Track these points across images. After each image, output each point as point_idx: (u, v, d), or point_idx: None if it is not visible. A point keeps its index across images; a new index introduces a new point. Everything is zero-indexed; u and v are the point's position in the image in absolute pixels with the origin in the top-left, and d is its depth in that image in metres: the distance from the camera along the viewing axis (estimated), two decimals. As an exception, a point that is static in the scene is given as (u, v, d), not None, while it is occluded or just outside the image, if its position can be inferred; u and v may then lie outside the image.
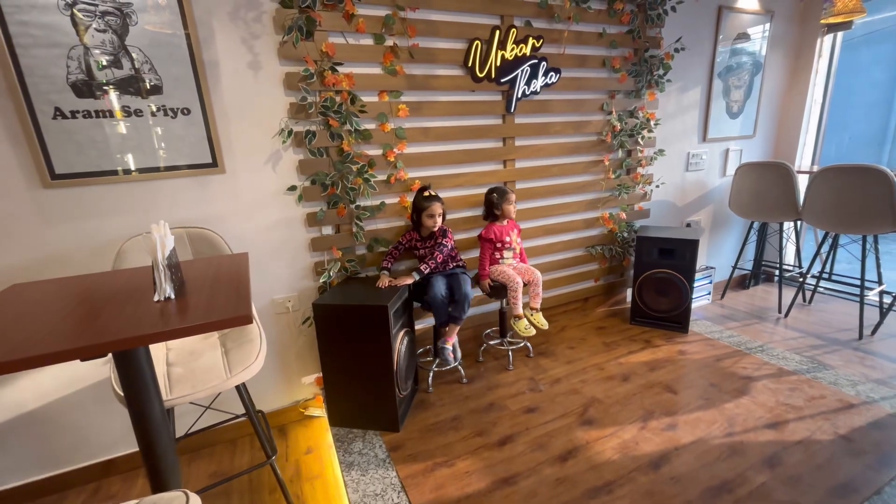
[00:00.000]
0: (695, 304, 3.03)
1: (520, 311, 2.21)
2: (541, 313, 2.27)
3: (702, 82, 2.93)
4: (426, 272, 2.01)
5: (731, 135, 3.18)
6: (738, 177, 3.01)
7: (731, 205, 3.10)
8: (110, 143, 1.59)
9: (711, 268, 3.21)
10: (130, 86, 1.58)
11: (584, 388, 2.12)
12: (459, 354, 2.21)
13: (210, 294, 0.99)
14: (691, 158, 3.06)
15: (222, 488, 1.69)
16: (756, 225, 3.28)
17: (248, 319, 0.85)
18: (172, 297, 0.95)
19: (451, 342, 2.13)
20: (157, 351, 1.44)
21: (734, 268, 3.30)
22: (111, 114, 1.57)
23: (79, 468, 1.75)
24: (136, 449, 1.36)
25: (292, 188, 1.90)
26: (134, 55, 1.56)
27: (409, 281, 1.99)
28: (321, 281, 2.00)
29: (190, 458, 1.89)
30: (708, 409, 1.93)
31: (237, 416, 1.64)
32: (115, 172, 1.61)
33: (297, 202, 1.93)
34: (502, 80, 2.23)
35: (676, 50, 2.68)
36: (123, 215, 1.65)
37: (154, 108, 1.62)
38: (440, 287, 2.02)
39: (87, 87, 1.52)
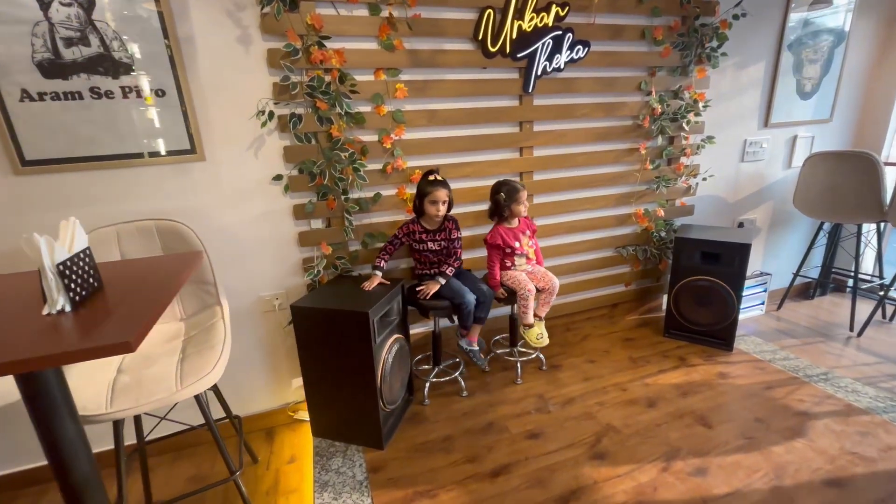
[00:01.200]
0: (743, 315, 2.63)
1: (530, 319, 1.97)
2: (543, 322, 2.02)
3: (766, 56, 2.48)
4: (451, 276, 1.90)
5: (801, 119, 2.70)
6: (807, 169, 2.55)
7: (795, 202, 2.64)
8: (81, 127, 1.48)
9: (767, 274, 2.77)
10: (100, 65, 1.46)
11: (601, 413, 1.85)
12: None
13: (114, 308, 0.83)
14: (749, 147, 2.62)
15: (198, 496, 1.60)
16: (827, 226, 2.79)
17: (128, 348, 0.68)
18: (67, 309, 0.80)
19: (476, 341, 2.04)
20: (113, 354, 1.34)
21: (796, 274, 2.83)
22: (80, 95, 1.46)
23: (62, 461, 1.72)
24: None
25: (278, 177, 1.74)
26: (102, 31, 1.44)
27: (436, 288, 1.84)
28: (307, 279, 1.85)
29: (173, 458, 1.82)
30: (750, 451, 1.61)
31: (193, 427, 1.52)
32: (88, 159, 1.52)
33: (284, 193, 1.77)
34: (519, 56, 1.94)
35: (735, 17, 2.25)
36: (99, 205, 1.56)
37: (126, 90, 1.50)
38: (467, 291, 1.87)
39: (53, 66, 1.42)
